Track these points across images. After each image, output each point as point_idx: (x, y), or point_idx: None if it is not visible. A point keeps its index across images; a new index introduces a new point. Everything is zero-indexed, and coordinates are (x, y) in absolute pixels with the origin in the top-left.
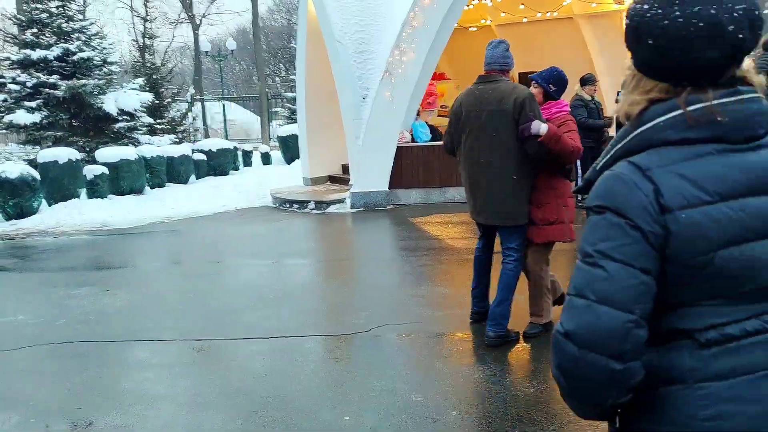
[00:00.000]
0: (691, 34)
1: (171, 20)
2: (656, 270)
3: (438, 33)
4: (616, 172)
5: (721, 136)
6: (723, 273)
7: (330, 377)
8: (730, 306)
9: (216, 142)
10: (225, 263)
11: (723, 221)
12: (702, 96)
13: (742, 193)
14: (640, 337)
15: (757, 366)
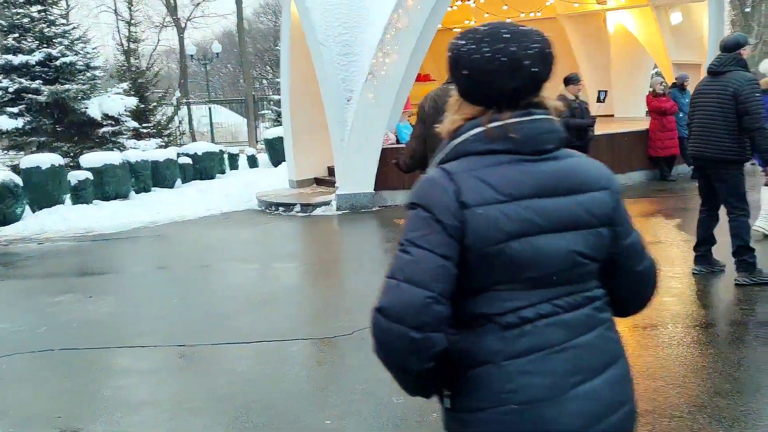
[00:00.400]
0: (497, 67)
1: (156, 24)
2: (455, 257)
3: (421, 34)
4: (429, 176)
5: (515, 148)
6: (513, 261)
7: (313, 381)
8: (524, 291)
9: (202, 145)
10: (209, 268)
11: (513, 217)
12: (501, 116)
13: (529, 195)
14: (439, 312)
15: (548, 344)
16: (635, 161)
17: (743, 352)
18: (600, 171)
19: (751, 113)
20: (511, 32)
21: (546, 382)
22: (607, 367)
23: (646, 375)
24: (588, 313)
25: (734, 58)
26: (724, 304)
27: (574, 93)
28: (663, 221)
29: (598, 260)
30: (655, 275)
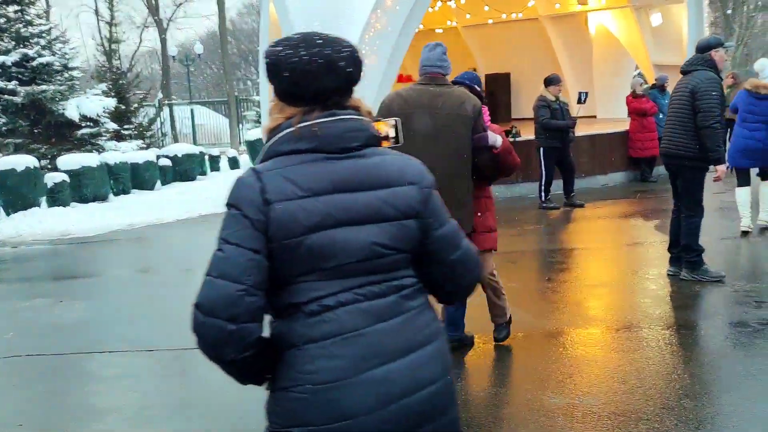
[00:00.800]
0: (315, 68)
1: (137, 24)
2: (264, 250)
3: (400, 35)
4: (240, 177)
5: (320, 147)
6: (312, 253)
7: None
8: (325, 282)
9: (182, 147)
10: (186, 272)
11: (312, 212)
12: (309, 117)
13: (330, 191)
14: (251, 303)
15: (346, 329)
16: (616, 162)
17: (713, 353)
18: (407, 168)
19: (703, 110)
20: (323, 38)
21: (341, 365)
22: (411, 351)
23: (617, 377)
24: (394, 300)
25: (703, 58)
26: (696, 305)
27: (555, 94)
28: (641, 222)
29: (403, 250)
30: (472, 264)
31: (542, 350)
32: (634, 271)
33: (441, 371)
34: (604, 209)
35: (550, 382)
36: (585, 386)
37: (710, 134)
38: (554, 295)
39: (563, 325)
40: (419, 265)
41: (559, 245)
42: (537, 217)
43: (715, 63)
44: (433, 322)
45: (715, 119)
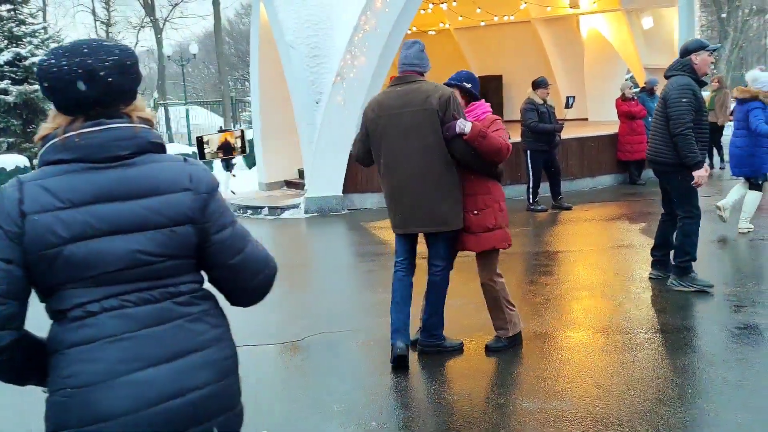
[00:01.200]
0: (73, 78)
1: (134, 24)
2: (18, 260)
3: (390, 37)
4: (3, 187)
5: (83, 156)
6: (71, 263)
7: (253, 389)
8: (88, 289)
9: (174, 147)
10: None
11: (70, 222)
12: (74, 126)
13: (90, 201)
14: (2, 311)
15: (106, 334)
16: (605, 165)
17: (691, 359)
18: (183, 174)
19: (673, 118)
20: (90, 47)
21: (98, 369)
22: (178, 357)
23: (591, 381)
24: (165, 306)
25: (683, 63)
26: (676, 310)
27: (543, 97)
28: (628, 225)
29: (177, 257)
30: (256, 267)
31: (519, 353)
32: (617, 273)
33: (213, 377)
34: (591, 212)
35: (524, 386)
36: (559, 390)
37: (680, 141)
38: (535, 298)
39: (542, 328)
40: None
41: (544, 248)
42: (524, 219)
43: (696, 67)
44: (213, 329)
45: (685, 126)
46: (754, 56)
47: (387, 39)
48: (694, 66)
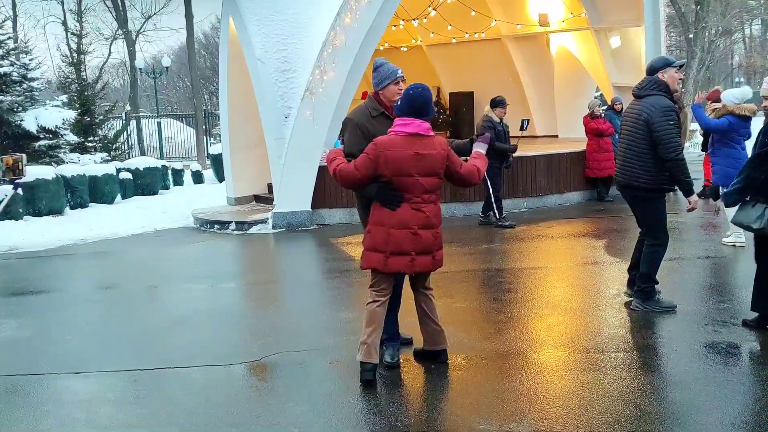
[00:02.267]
0: None
1: (106, 36)
2: None
3: (359, 52)
4: None
5: None
6: None
7: (204, 412)
8: None
9: (143, 160)
10: (120, 290)
11: None
12: None
13: None
14: None
15: None
16: (573, 182)
17: (649, 378)
18: None
19: (663, 143)
20: None
21: None
22: None
23: (550, 401)
24: None
25: (654, 81)
26: (638, 328)
27: (500, 116)
28: (594, 242)
29: None
30: None
31: (480, 373)
32: (583, 291)
33: None
34: (558, 228)
35: (483, 407)
36: (517, 411)
37: (675, 166)
38: (498, 316)
39: (505, 347)
40: None
41: (509, 264)
42: (489, 236)
43: (667, 85)
44: None
45: (678, 149)
46: (721, 76)
47: (356, 54)
48: (665, 84)
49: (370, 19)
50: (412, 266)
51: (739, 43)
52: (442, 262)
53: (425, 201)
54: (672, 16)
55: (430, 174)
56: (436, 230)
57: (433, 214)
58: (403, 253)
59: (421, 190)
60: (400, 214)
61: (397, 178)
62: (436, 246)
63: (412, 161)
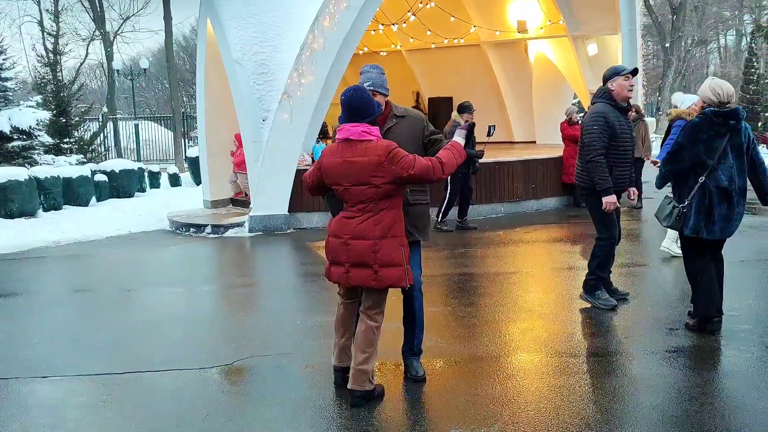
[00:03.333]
0: None
1: (83, 37)
2: None
3: (338, 56)
4: None
5: None
6: None
7: (174, 417)
8: None
9: (119, 162)
10: (92, 293)
11: None
12: None
13: None
14: None
15: None
16: (549, 187)
17: (620, 381)
18: None
19: (585, 144)
20: None
21: None
22: None
23: (522, 405)
24: None
25: (602, 90)
26: (610, 332)
27: (468, 121)
28: (570, 247)
29: None
30: None
31: (453, 377)
32: (557, 296)
33: None
34: (535, 234)
35: (455, 411)
36: (489, 415)
37: (591, 168)
38: (473, 320)
39: (479, 351)
40: None
41: (484, 269)
42: (466, 241)
43: (613, 94)
44: None
45: (595, 152)
46: (696, 84)
47: (335, 58)
48: (611, 92)
49: (349, 22)
50: (347, 278)
51: (714, 52)
52: (400, 281)
53: (359, 211)
54: (649, 25)
55: (361, 183)
56: (373, 242)
57: (368, 224)
58: (338, 263)
59: (355, 199)
60: (334, 222)
61: (334, 186)
62: (379, 261)
63: (340, 169)
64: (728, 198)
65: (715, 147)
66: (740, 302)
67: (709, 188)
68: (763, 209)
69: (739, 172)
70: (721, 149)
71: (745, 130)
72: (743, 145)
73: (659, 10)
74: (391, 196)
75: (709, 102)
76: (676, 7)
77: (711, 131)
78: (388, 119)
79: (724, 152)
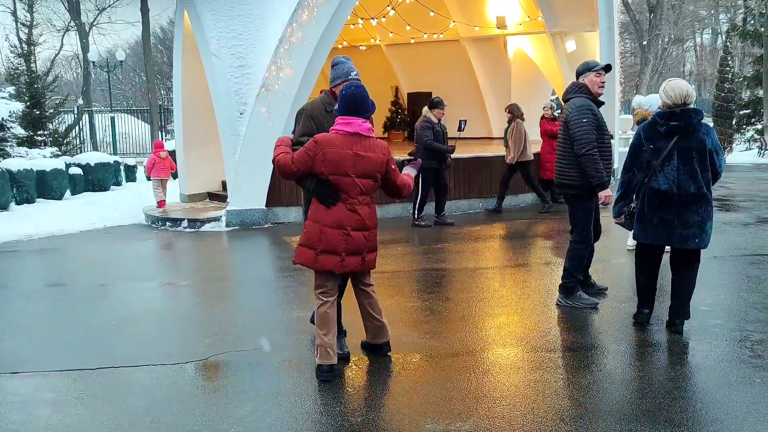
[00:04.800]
0: None
1: (58, 28)
2: None
3: (316, 50)
4: None
5: None
6: None
7: (146, 414)
8: None
9: (94, 155)
10: (66, 287)
11: None
12: None
13: None
14: None
15: None
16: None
17: (595, 376)
18: None
19: (576, 139)
20: None
21: None
22: None
23: (497, 400)
24: None
25: (577, 85)
26: (586, 327)
27: (438, 117)
28: (546, 243)
29: None
30: None
31: (429, 372)
32: (534, 291)
33: None
34: (511, 229)
35: (431, 407)
36: (464, 410)
37: (586, 161)
38: (450, 315)
39: (455, 347)
40: None
41: (461, 264)
42: (440, 236)
43: (588, 88)
44: None
45: (589, 145)
46: None
47: (313, 52)
48: (586, 87)
49: (328, 16)
50: (341, 266)
51: (691, 51)
52: (375, 264)
53: (360, 203)
54: (626, 22)
55: (367, 176)
56: (369, 232)
57: (367, 216)
58: (334, 252)
59: (357, 191)
60: (335, 213)
61: (335, 176)
62: (367, 248)
63: (350, 161)
64: (668, 203)
65: (660, 148)
66: (712, 298)
67: (648, 190)
68: (736, 206)
69: (690, 177)
70: (666, 151)
71: (702, 134)
72: (693, 149)
73: (637, 8)
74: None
75: (663, 103)
76: (654, 5)
77: (656, 132)
78: None
79: (669, 155)
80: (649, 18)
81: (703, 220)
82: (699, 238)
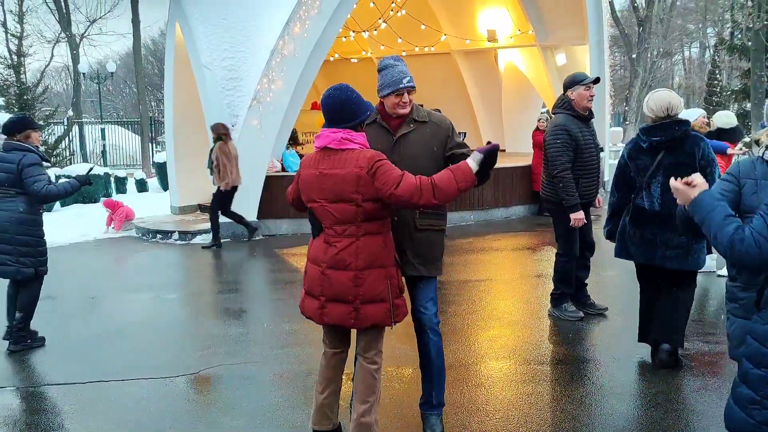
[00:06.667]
0: None
1: (48, 39)
2: None
3: (308, 62)
4: None
5: None
6: None
7: (140, 427)
8: None
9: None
10: (56, 300)
11: None
12: None
13: None
14: None
15: None
16: (517, 195)
17: (587, 389)
18: None
19: (549, 160)
20: None
21: None
22: None
23: (490, 413)
24: None
25: (562, 100)
26: (578, 340)
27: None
28: (538, 255)
29: None
30: None
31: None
32: (526, 303)
33: None
34: (503, 241)
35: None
36: (458, 424)
37: (558, 183)
38: (443, 328)
39: (448, 360)
40: None
41: (454, 277)
42: None
43: (573, 103)
44: None
45: (561, 167)
46: None
47: (305, 64)
48: (572, 102)
49: (320, 29)
50: (321, 315)
51: (679, 64)
52: (380, 320)
53: (338, 234)
54: (616, 36)
55: (337, 199)
56: (356, 274)
57: (351, 252)
58: (311, 294)
59: (331, 219)
60: (314, 245)
61: (308, 203)
62: (360, 296)
63: (314, 183)
64: (649, 221)
65: (645, 165)
66: (702, 310)
67: (633, 207)
68: None
69: None
70: (652, 168)
71: (690, 147)
72: (681, 165)
73: (626, 22)
74: (377, 218)
75: (647, 116)
76: (643, 19)
77: (639, 148)
78: (405, 124)
79: (655, 172)
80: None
81: (689, 241)
82: (681, 259)
